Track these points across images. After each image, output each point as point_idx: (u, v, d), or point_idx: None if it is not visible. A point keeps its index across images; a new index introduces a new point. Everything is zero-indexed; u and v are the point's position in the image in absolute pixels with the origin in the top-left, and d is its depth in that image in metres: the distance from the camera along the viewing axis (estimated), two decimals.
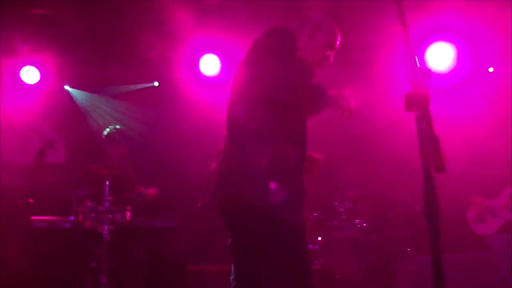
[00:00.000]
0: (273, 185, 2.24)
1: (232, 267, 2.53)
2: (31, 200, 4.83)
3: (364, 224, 5.70)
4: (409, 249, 5.67)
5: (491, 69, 6.08)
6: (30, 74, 6.10)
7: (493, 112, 5.68)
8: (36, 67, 6.10)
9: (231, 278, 2.50)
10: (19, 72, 6.07)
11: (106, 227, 4.41)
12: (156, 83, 6.52)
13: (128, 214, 4.63)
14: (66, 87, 6.47)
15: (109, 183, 4.50)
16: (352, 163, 6.39)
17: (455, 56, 5.80)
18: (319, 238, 5.67)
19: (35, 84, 6.14)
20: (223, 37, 6.01)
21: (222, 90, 6.38)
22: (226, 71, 6.20)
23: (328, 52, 2.59)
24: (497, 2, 5.13)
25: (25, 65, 6.07)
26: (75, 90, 6.49)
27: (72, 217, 4.65)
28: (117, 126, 5.26)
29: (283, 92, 2.31)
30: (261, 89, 2.33)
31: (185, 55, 6.13)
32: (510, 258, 4.92)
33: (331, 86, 2.48)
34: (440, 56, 5.82)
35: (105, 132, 5.16)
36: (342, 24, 2.72)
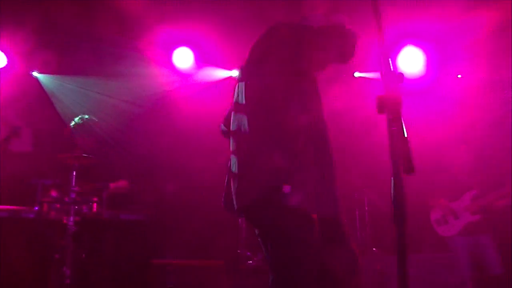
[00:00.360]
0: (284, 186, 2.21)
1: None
2: None
3: None
4: (374, 249, 5.78)
5: (459, 76, 6.26)
6: None
7: (460, 117, 5.83)
8: (3, 51, 5.92)
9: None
10: None
11: (71, 219, 4.33)
12: (128, 75, 6.43)
13: (95, 205, 4.56)
14: (35, 73, 6.31)
15: (76, 173, 4.42)
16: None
17: (424, 61, 5.94)
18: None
19: (1, 69, 5.96)
20: (196, 30, 5.99)
21: (194, 82, 6.40)
22: (199, 64, 6.20)
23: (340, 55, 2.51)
24: (465, 13, 5.30)
25: None
26: (44, 75, 6.33)
27: (36, 207, 4.54)
28: (86, 116, 5.17)
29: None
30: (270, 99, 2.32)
31: (158, 47, 6.08)
32: (469, 259, 5.08)
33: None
34: (411, 61, 5.94)
35: (72, 122, 5.06)
36: None
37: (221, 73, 6.53)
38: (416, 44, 5.89)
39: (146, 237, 5.28)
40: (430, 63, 6.00)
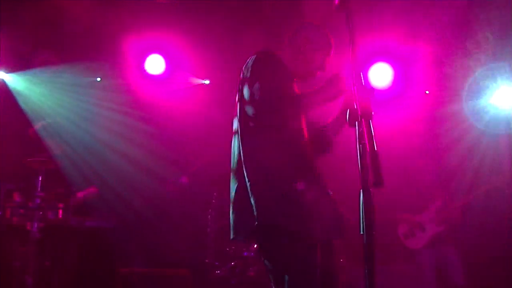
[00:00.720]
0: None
1: None
2: None
3: None
4: (341, 260, 5.82)
5: (427, 92, 6.43)
6: None
7: (424, 131, 5.99)
8: None
9: None
10: None
11: (35, 225, 4.21)
12: (98, 78, 6.35)
13: (60, 212, 4.45)
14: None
15: (42, 178, 4.31)
16: None
17: (392, 76, 6.10)
18: (255, 246, 5.70)
19: None
20: (168, 37, 5.99)
21: (166, 88, 6.37)
22: (170, 70, 6.19)
23: (322, 60, 2.66)
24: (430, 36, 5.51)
25: None
26: (12, 75, 6.16)
27: None
28: (51, 120, 5.07)
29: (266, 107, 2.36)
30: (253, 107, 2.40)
31: (131, 54, 6.04)
32: (434, 270, 5.18)
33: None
34: (380, 76, 6.09)
35: (39, 125, 4.95)
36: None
37: (193, 80, 6.53)
38: (385, 60, 6.07)
39: (112, 245, 5.18)
40: (397, 78, 6.18)
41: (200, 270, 5.71)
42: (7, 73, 6.16)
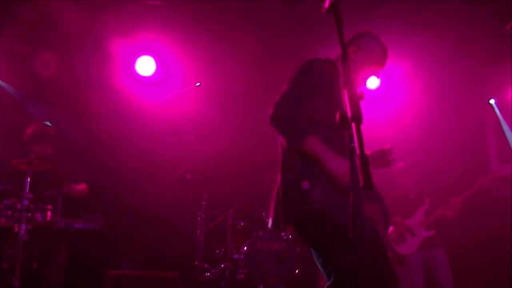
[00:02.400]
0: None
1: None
2: None
3: (290, 236, 5.80)
4: None
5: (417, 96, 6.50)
6: None
7: (411, 133, 6.05)
8: None
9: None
10: None
11: (23, 226, 4.16)
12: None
13: (49, 213, 4.40)
14: None
15: (30, 180, 4.27)
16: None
17: (380, 80, 6.16)
18: (245, 248, 5.70)
19: None
20: (160, 38, 5.98)
21: (156, 89, 6.36)
22: (160, 71, 6.18)
23: (374, 69, 2.71)
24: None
25: None
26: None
27: None
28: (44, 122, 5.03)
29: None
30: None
31: (121, 55, 6.02)
32: (423, 273, 5.21)
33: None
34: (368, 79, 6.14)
35: (29, 128, 4.92)
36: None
37: (184, 83, 6.52)
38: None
39: (101, 247, 5.15)
40: (384, 81, 6.25)
41: (189, 272, 5.70)
42: None
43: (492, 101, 6.29)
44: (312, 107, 2.45)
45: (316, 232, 2.43)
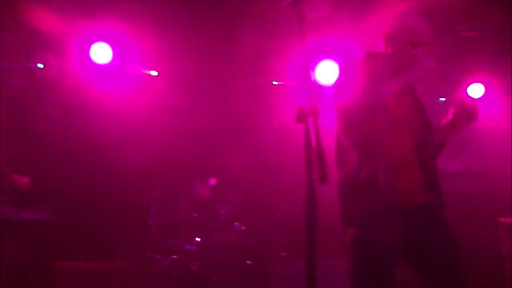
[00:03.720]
0: None
1: None
2: None
3: (243, 228, 5.83)
4: (283, 254, 5.91)
5: None
6: None
7: None
8: None
9: None
10: None
11: None
12: (40, 65, 6.09)
13: None
14: None
15: None
16: (236, 167, 6.52)
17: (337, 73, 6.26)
18: (198, 239, 5.69)
19: None
20: (117, 25, 5.83)
21: (112, 78, 6.20)
22: (117, 59, 6.03)
23: (412, 51, 2.56)
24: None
25: None
26: None
27: None
28: None
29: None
30: None
31: (75, 41, 5.83)
32: None
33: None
34: (327, 73, 6.22)
35: None
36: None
37: (141, 71, 6.41)
38: (333, 58, 6.19)
39: (51, 238, 5.01)
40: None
41: (141, 263, 5.63)
42: None
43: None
44: None
45: None
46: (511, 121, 5.85)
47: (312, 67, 6.08)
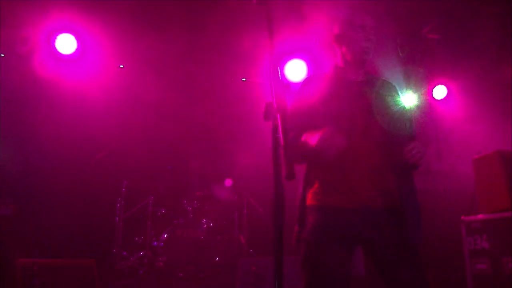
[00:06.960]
0: None
1: None
2: None
3: (211, 224, 5.83)
4: (251, 250, 5.94)
5: None
6: None
7: None
8: None
9: None
10: None
11: None
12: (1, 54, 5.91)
13: None
14: None
15: None
16: (204, 164, 6.51)
17: (307, 72, 6.33)
18: (165, 236, 5.65)
19: None
20: (82, 16, 5.72)
21: (76, 69, 6.08)
22: (81, 50, 5.91)
23: (358, 35, 2.52)
24: None
25: None
26: None
27: None
28: None
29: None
30: None
31: (41, 32, 5.69)
32: None
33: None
34: (295, 71, 6.29)
35: None
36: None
37: (105, 63, 6.31)
38: (301, 57, 6.27)
39: (11, 233, 4.88)
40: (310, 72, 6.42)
41: (107, 260, 5.55)
42: None
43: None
44: None
45: None
46: (471, 121, 6.02)
47: (281, 64, 6.12)
